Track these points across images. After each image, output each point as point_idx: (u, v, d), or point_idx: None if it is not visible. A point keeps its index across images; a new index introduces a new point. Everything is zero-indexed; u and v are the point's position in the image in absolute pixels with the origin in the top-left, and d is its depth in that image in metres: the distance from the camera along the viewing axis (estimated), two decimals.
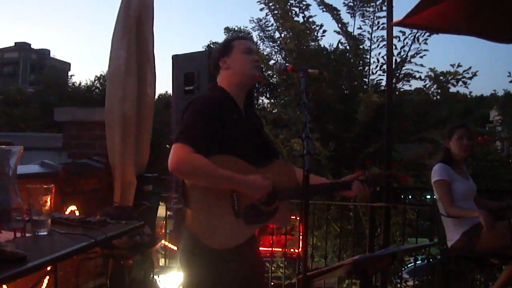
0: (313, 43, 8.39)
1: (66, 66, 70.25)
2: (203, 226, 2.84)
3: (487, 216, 4.32)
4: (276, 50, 9.35)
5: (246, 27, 29.88)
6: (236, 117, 3.04)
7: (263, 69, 8.40)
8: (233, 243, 2.89)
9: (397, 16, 5.10)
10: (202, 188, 2.83)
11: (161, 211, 5.68)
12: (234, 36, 3.45)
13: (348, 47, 8.53)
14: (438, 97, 8.16)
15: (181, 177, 2.83)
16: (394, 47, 6.94)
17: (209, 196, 2.83)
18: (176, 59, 5.35)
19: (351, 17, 8.41)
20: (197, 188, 2.83)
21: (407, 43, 7.95)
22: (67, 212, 4.17)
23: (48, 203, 2.34)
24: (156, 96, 6.49)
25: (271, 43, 9.59)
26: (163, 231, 6.34)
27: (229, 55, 3.13)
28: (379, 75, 8.26)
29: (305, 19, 8.32)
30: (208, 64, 4.73)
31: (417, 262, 6.21)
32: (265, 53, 9.28)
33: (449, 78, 7.77)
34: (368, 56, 8.31)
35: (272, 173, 3.05)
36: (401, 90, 8.38)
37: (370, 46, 8.23)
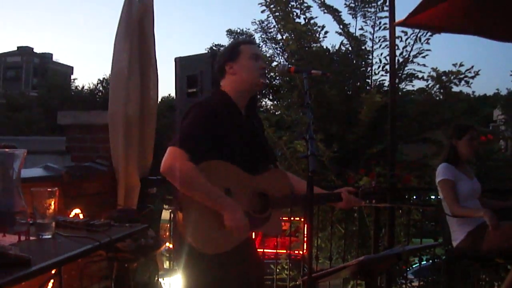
0: (315, 45, 8.38)
1: (69, 69, 70.48)
2: (193, 230, 2.85)
3: (492, 216, 4.31)
4: (278, 52, 9.36)
5: (249, 29, 29.98)
6: (236, 122, 3.04)
7: (266, 71, 8.38)
8: (222, 249, 2.88)
9: (399, 16, 5.09)
10: None
11: (166, 214, 5.68)
12: (242, 41, 3.43)
13: (350, 48, 8.52)
14: (441, 97, 8.15)
15: (170, 180, 2.83)
16: (396, 47, 6.94)
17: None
18: (179, 61, 5.35)
19: (352, 18, 8.40)
20: None
21: (409, 43, 7.93)
22: (71, 215, 4.17)
23: (52, 206, 2.33)
24: (159, 99, 6.48)
25: (273, 45, 9.60)
26: (167, 233, 6.34)
27: (236, 60, 3.11)
28: (382, 75, 8.24)
29: (307, 20, 8.31)
30: (211, 66, 4.74)
31: (422, 263, 6.20)
32: (267, 55, 9.29)
33: (452, 77, 7.74)
34: (370, 57, 8.30)
35: (266, 180, 3.06)
36: (404, 90, 8.37)
37: (372, 47, 8.22)
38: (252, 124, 3.20)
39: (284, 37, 8.56)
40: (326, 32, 8.38)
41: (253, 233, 3.25)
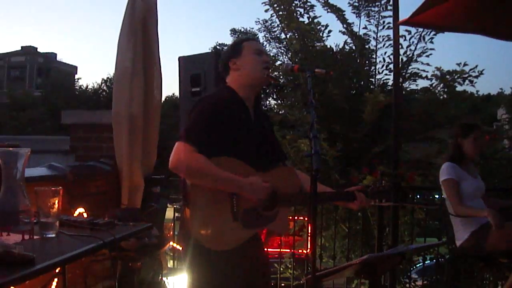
0: (318, 44, 8.39)
1: (73, 69, 70.36)
2: (200, 226, 2.84)
3: (496, 215, 4.30)
4: (282, 51, 9.36)
5: (252, 28, 29.78)
6: (244, 117, 3.04)
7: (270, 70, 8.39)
8: (229, 245, 2.88)
9: (403, 15, 5.09)
10: (203, 188, 2.84)
11: (169, 213, 5.68)
12: (244, 38, 3.45)
13: (354, 47, 8.52)
14: (445, 96, 8.14)
15: (180, 175, 2.83)
16: (400, 46, 6.93)
17: (209, 196, 2.83)
18: (182, 60, 5.35)
19: (356, 17, 8.41)
20: (198, 187, 2.84)
21: (413, 42, 7.95)
22: (75, 214, 4.18)
23: (56, 205, 2.34)
24: (163, 98, 6.49)
25: (277, 44, 9.60)
26: (171, 232, 6.34)
27: (239, 56, 3.12)
28: (385, 74, 8.26)
29: (310, 19, 8.32)
30: (215, 65, 4.74)
31: (426, 262, 6.20)
32: (271, 54, 9.29)
33: (455, 76, 7.75)
34: (374, 56, 8.30)
35: (275, 178, 3.04)
36: (408, 89, 8.37)
37: (376, 46, 8.23)
38: (260, 121, 3.19)
39: (287, 36, 8.58)
40: (329, 31, 8.41)
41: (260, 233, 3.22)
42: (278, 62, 8.82)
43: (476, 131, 4.80)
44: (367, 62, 8.44)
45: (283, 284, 6.21)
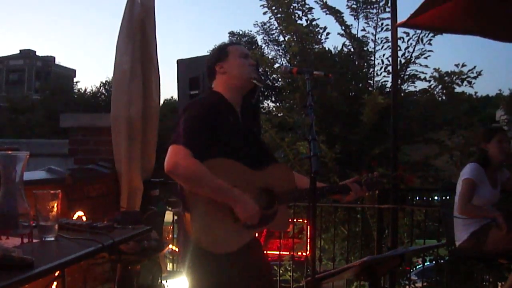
0: (317, 46, 8.38)
1: (71, 72, 70.46)
2: (201, 230, 2.84)
3: (504, 219, 4.30)
4: (280, 53, 9.38)
5: (251, 31, 29.89)
6: (233, 120, 3.06)
7: (268, 73, 8.40)
8: (231, 248, 2.88)
9: (401, 17, 5.09)
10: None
11: (169, 216, 5.68)
12: (228, 43, 3.49)
13: (352, 49, 8.51)
14: (444, 97, 8.13)
15: (176, 179, 2.83)
16: (398, 48, 6.92)
17: (207, 199, 2.82)
18: (180, 63, 5.35)
19: (354, 19, 8.39)
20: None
21: (411, 44, 7.91)
22: (74, 218, 4.18)
23: (55, 209, 2.34)
24: (162, 101, 6.49)
25: (275, 47, 9.64)
26: (170, 235, 6.34)
27: (225, 60, 3.15)
28: (384, 76, 8.23)
29: (308, 22, 8.31)
30: None
31: (426, 263, 6.19)
32: (270, 56, 9.29)
33: (454, 78, 7.73)
34: (373, 58, 8.29)
35: (270, 175, 3.06)
36: (406, 91, 8.36)
37: (374, 48, 8.20)
38: (246, 123, 3.21)
39: (286, 38, 8.56)
40: (328, 34, 8.38)
41: (257, 234, 3.23)
42: (277, 65, 8.81)
43: (499, 134, 4.78)
44: (365, 64, 8.42)
45: (283, 286, 6.20)
